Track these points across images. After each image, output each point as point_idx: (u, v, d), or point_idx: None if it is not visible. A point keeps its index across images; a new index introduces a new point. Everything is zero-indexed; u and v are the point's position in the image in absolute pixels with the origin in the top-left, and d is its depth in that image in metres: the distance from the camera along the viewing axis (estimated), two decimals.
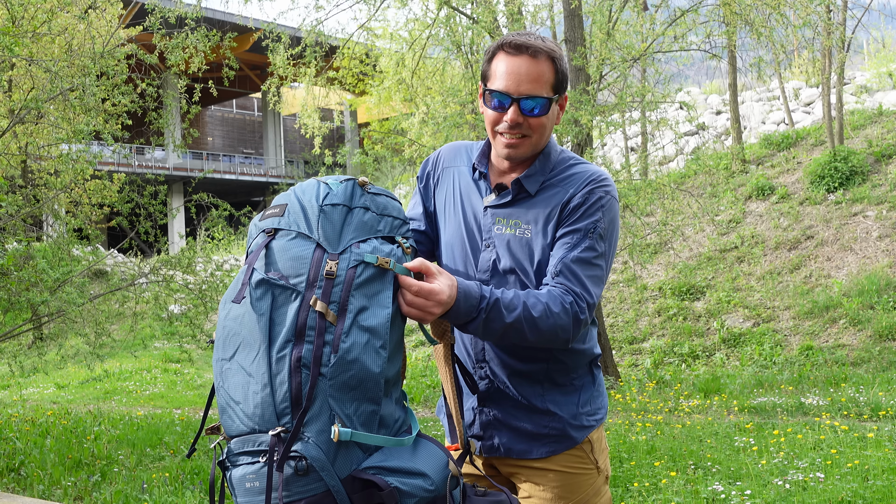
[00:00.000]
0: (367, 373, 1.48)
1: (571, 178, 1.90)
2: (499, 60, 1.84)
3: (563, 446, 1.93)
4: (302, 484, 1.46)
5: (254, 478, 1.48)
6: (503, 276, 1.90)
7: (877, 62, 23.11)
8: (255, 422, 1.48)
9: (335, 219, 1.59)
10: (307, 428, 1.46)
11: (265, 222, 1.62)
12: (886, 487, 4.74)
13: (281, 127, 39.47)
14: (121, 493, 5.66)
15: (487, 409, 1.95)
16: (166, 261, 9.26)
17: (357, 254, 1.55)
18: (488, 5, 10.60)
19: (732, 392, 9.65)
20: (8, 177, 9.86)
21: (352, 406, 1.48)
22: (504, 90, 1.82)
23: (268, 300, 1.51)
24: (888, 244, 13.08)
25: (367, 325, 1.51)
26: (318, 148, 14.52)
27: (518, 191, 1.91)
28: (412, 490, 1.50)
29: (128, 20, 12.30)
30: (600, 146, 12.58)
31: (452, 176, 2.03)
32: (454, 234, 1.99)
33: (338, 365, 1.47)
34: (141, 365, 15.96)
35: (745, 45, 13.99)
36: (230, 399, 1.53)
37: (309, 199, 1.61)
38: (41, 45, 9.06)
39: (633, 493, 5.12)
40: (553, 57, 1.83)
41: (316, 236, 1.57)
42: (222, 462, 1.56)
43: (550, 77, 1.83)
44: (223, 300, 1.59)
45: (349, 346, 1.48)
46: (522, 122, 1.84)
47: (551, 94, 1.84)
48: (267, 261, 1.55)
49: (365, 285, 1.53)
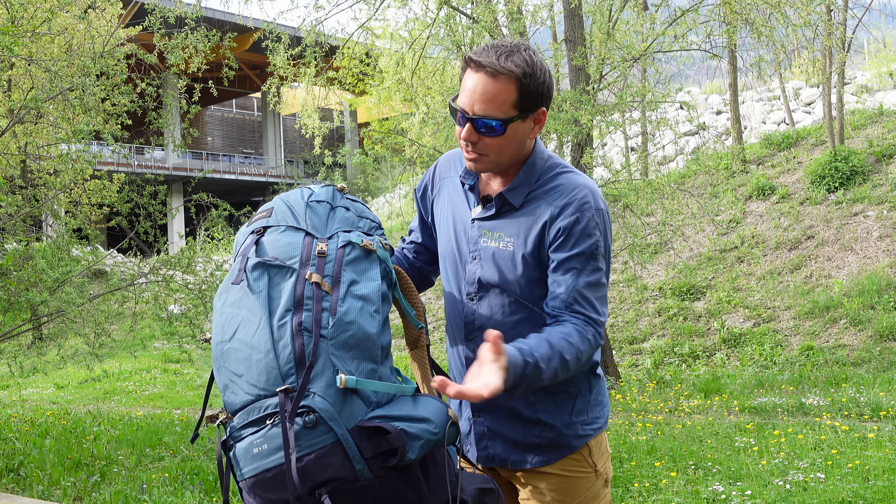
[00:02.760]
0: (364, 333, 1.56)
1: (555, 190, 1.84)
2: (466, 74, 1.79)
3: (557, 455, 1.92)
4: (311, 437, 1.48)
5: (261, 441, 1.52)
6: (488, 289, 1.89)
7: (877, 62, 23.11)
8: (259, 388, 1.53)
9: (321, 212, 1.71)
10: (312, 384, 1.50)
11: (254, 225, 1.71)
12: (887, 488, 4.73)
13: (281, 127, 39.48)
14: (120, 494, 5.65)
15: (481, 420, 1.95)
16: (166, 261, 9.25)
17: (344, 237, 1.66)
18: (488, 5, 10.58)
19: (733, 392, 9.65)
20: (8, 177, 9.86)
21: (353, 364, 1.54)
22: (461, 108, 1.78)
23: (265, 280, 1.59)
24: (889, 244, 13.07)
25: (360, 293, 1.59)
26: (318, 148, 14.51)
27: (502, 204, 1.88)
28: (418, 432, 1.54)
29: (127, 20, 12.29)
30: (600, 146, 12.55)
31: (448, 187, 2.02)
32: (446, 246, 1.99)
33: (337, 326, 1.54)
34: (140, 365, 15.96)
35: (745, 45, 14.00)
36: (232, 374, 1.57)
37: (295, 199, 1.74)
38: (41, 44, 9.04)
39: (633, 493, 5.11)
40: (514, 77, 1.72)
41: (304, 226, 1.67)
42: (225, 442, 1.59)
43: (510, 97, 1.73)
44: (218, 293, 1.65)
45: (346, 310, 1.56)
46: (477, 140, 1.79)
47: (512, 113, 1.75)
48: (259, 252, 1.64)
49: (354, 263, 1.63)
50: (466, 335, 1.93)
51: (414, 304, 1.85)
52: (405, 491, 1.55)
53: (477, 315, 1.91)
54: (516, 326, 1.88)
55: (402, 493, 1.55)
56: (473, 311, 1.92)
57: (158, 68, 8.50)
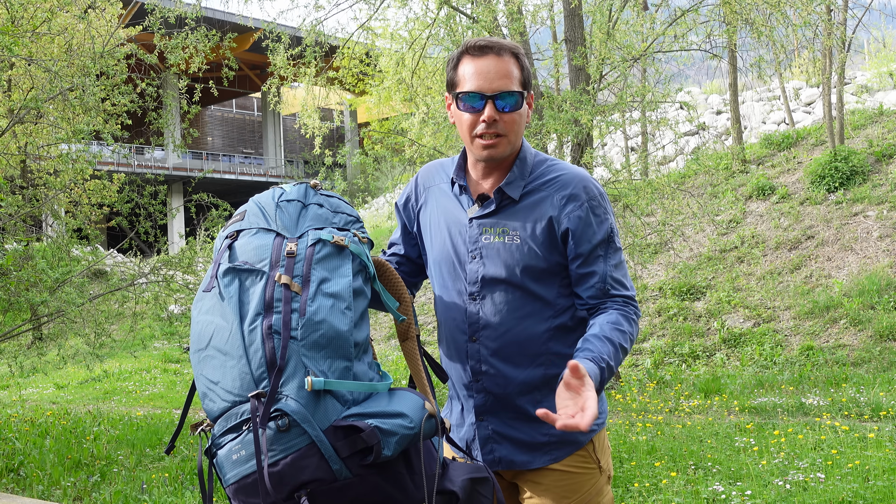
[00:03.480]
0: (335, 331, 1.54)
1: (554, 182, 1.92)
2: (464, 65, 1.87)
3: (564, 452, 1.93)
4: (285, 440, 1.48)
5: (239, 447, 1.51)
6: (492, 285, 1.91)
7: (877, 62, 23.10)
8: (234, 394, 1.53)
9: (291, 212, 1.70)
10: (284, 387, 1.49)
11: (228, 229, 1.71)
12: (887, 488, 4.73)
13: (280, 127, 39.47)
14: (120, 494, 5.65)
15: (486, 423, 1.96)
16: (166, 261, 9.25)
17: (314, 235, 1.64)
18: (488, 5, 10.58)
19: (733, 392, 9.64)
20: (8, 177, 9.85)
21: (325, 363, 1.53)
22: (476, 90, 1.84)
23: (235, 284, 1.59)
24: (889, 244, 13.06)
25: (331, 291, 1.57)
26: (318, 148, 14.51)
27: (501, 198, 1.92)
28: (392, 428, 1.52)
29: (127, 20, 12.28)
30: (600, 146, 12.55)
31: (434, 196, 2.04)
32: (441, 252, 2.00)
33: (307, 326, 1.52)
34: (140, 365, 15.96)
35: (745, 45, 13.99)
36: (209, 382, 1.56)
37: (266, 200, 1.73)
38: (41, 44, 9.03)
39: (633, 493, 5.12)
40: (516, 53, 1.87)
41: (275, 227, 1.67)
42: (208, 450, 1.58)
43: (518, 73, 1.86)
44: (194, 302, 1.66)
45: (316, 309, 1.54)
46: (498, 119, 1.85)
47: (521, 88, 1.87)
48: (231, 257, 1.64)
49: (324, 260, 1.61)
50: (470, 336, 1.93)
51: (399, 295, 1.85)
52: (388, 487, 1.54)
53: (481, 314, 1.92)
54: (521, 322, 1.89)
55: (385, 489, 1.54)
56: (477, 310, 1.92)
57: (158, 68, 8.50)
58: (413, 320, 1.85)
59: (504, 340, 1.90)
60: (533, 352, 1.90)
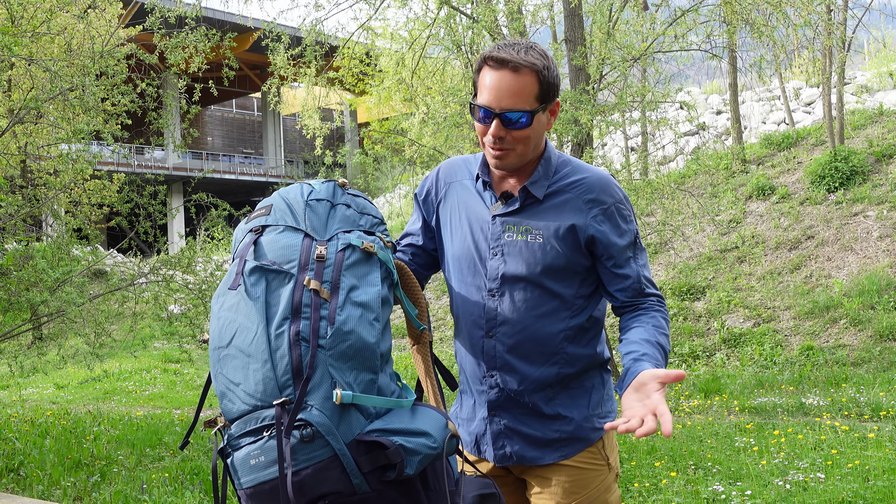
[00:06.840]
0: (363, 343, 1.52)
1: (579, 185, 1.92)
2: (484, 73, 1.86)
3: (574, 449, 1.95)
4: (308, 451, 1.47)
5: (258, 453, 1.50)
6: (512, 283, 1.92)
7: (877, 62, 23.10)
8: (256, 398, 1.50)
9: (320, 212, 1.67)
10: (310, 397, 1.48)
11: (252, 223, 1.67)
12: (887, 488, 4.73)
13: (280, 127, 39.47)
14: (120, 494, 5.65)
15: (498, 419, 1.97)
16: (166, 261, 9.24)
17: (344, 239, 1.61)
18: (488, 5, 10.58)
19: (733, 392, 9.65)
20: (8, 177, 9.85)
21: (351, 374, 1.51)
22: (486, 104, 1.83)
23: (262, 285, 1.55)
24: (889, 244, 13.06)
25: (360, 300, 1.55)
26: (318, 148, 14.50)
27: (526, 197, 1.93)
28: (416, 447, 1.52)
29: (127, 20, 12.29)
30: (600, 146, 12.57)
31: (456, 191, 2.05)
32: (461, 247, 2.00)
33: (335, 336, 1.50)
34: (140, 365, 15.96)
35: (745, 45, 13.99)
36: (229, 382, 1.54)
37: (294, 197, 1.69)
38: (40, 44, 9.03)
39: (633, 493, 5.12)
40: (536, 70, 1.81)
41: (304, 227, 1.64)
42: (223, 450, 1.57)
43: (533, 89, 1.82)
44: (215, 296, 1.62)
45: (345, 319, 1.52)
46: (505, 135, 1.84)
47: (535, 105, 1.83)
48: (257, 254, 1.60)
49: (354, 267, 1.59)
50: (487, 332, 1.94)
51: (416, 301, 1.85)
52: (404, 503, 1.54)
53: (499, 311, 1.93)
54: (539, 321, 1.91)
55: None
56: (495, 307, 1.93)
57: (158, 68, 8.50)
58: (428, 325, 1.86)
59: (521, 338, 1.91)
60: (549, 350, 1.91)
